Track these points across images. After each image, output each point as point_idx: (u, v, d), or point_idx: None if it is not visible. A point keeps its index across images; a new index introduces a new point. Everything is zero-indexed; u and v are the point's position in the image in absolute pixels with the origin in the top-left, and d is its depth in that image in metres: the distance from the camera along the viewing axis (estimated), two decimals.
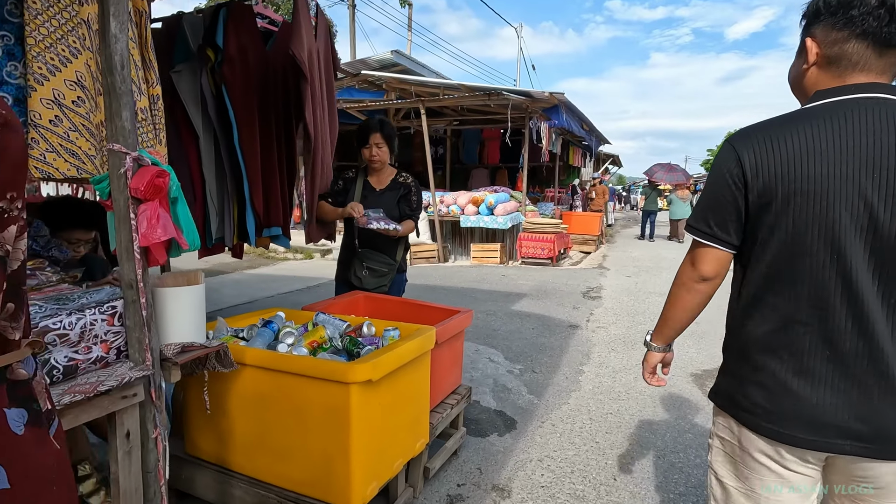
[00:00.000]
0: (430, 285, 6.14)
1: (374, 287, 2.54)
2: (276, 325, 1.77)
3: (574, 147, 12.52)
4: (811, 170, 0.89)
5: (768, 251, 0.96)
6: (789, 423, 0.95)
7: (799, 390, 0.94)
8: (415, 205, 2.61)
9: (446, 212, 8.74)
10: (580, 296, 5.77)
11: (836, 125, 0.89)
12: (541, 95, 7.98)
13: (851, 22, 0.91)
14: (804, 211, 0.90)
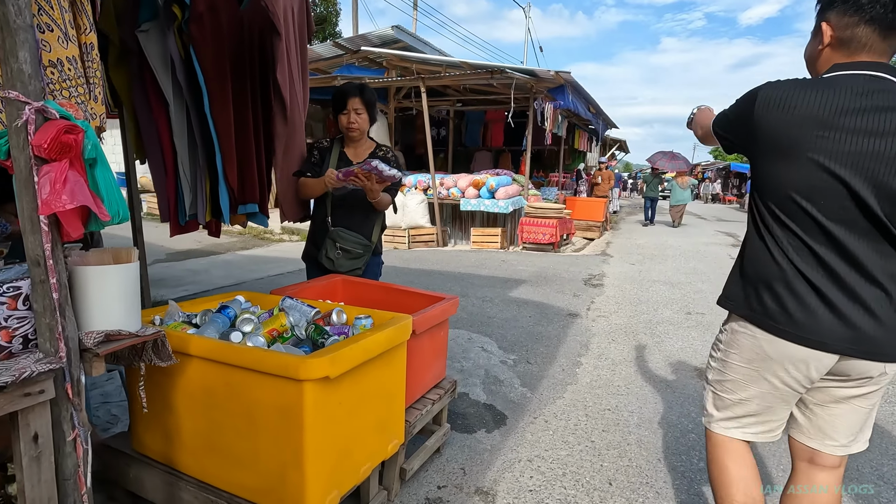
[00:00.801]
0: (427, 269, 5.95)
1: (347, 270, 2.34)
2: (232, 311, 1.58)
3: (580, 131, 12.18)
4: (816, 124, 1.07)
5: (781, 192, 1.15)
6: (800, 327, 1.15)
7: (806, 300, 1.14)
8: (398, 172, 2.40)
9: (446, 195, 8.50)
10: (581, 283, 5.57)
11: (841, 92, 1.07)
12: (546, 75, 7.67)
13: (861, 9, 1.08)
14: (814, 160, 1.08)
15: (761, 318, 1.21)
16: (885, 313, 1.11)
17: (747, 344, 1.25)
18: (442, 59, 8.71)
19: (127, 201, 3.26)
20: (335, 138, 2.40)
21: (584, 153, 13.90)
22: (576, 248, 8.69)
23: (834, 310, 1.12)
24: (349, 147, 2.37)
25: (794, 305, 1.15)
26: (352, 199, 2.32)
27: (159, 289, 4.61)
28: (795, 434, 1.32)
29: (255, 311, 1.72)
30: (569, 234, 8.89)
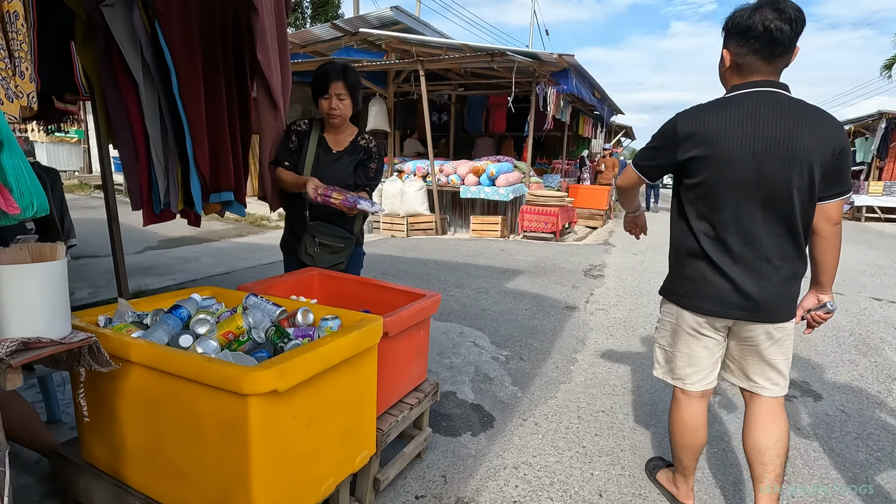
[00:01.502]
0: (423, 258, 5.80)
1: (329, 265, 2.20)
2: (185, 311, 1.44)
3: (584, 116, 11.90)
4: (722, 140, 1.40)
5: (696, 191, 1.48)
6: (706, 301, 1.51)
7: (713, 281, 1.49)
8: (373, 173, 2.23)
9: (445, 182, 8.33)
10: (581, 274, 5.41)
11: (738, 110, 1.40)
12: (549, 58, 7.42)
13: (748, 42, 1.39)
14: (719, 167, 1.41)
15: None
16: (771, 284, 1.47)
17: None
18: (442, 41, 8.46)
19: (104, 187, 3.10)
20: (313, 120, 2.24)
21: (588, 140, 13.62)
22: (578, 237, 8.52)
23: (731, 281, 1.47)
24: (329, 132, 2.21)
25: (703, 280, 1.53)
26: (336, 178, 2.17)
27: (146, 277, 4.49)
28: (728, 377, 1.68)
29: (217, 309, 1.58)
30: (571, 222, 8.71)
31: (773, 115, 1.36)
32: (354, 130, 2.24)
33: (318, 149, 2.18)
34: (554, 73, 8.00)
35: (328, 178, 2.15)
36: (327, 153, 2.18)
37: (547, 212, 7.70)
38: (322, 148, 2.18)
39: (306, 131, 2.21)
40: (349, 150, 2.19)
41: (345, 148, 2.20)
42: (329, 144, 2.20)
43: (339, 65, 2.10)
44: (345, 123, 2.19)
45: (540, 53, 7.41)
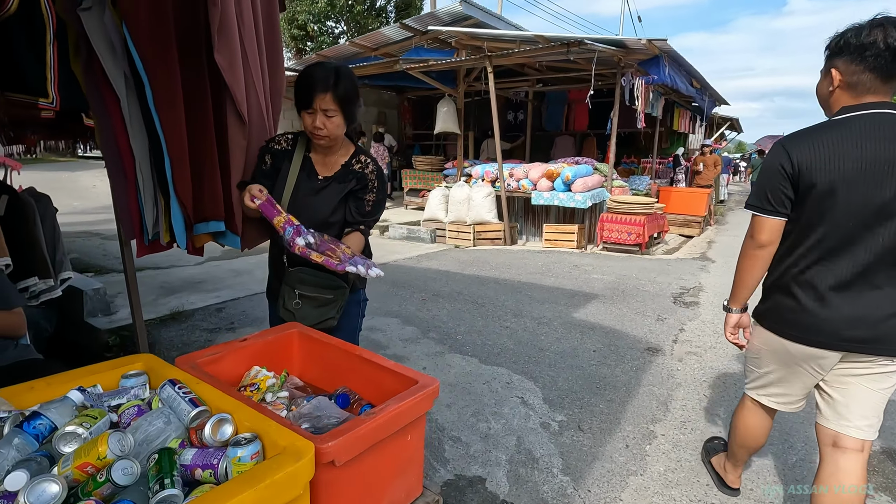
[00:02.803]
0: (483, 276, 5.23)
1: (315, 322, 1.72)
2: (47, 424, 1.02)
3: (680, 109, 10.57)
4: (838, 163, 1.34)
5: (805, 217, 1.42)
6: (812, 333, 1.45)
7: (820, 312, 1.42)
8: (370, 207, 1.72)
9: (516, 187, 7.67)
10: (669, 300, 4.52)
11: (852, 131, 1.34)
12: (636, 44, 6.48)
13: (865, 60, 1.34)
14: (832, 191, 1.35)
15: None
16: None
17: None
18: (515, 34, 7.80)
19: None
20: (299, 134, 1.77)
21: (684, 135, 12.15)
22: (668, 249, 7.44)
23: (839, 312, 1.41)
24: (316, 152, 1.73)
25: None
26: (316, 222, 1.69)
27: (192, 294, 4.39)
28: (819, 420, 1.55)
29: (115, 403, 1.17)
30: (661, 231, 7.63)
31: (889, 137, 1.31)
32: (349, 150, 1.74)
33: (300, 173, 1.70)
34: (643, 62, 7.02)
35: (308, 210, 1.67)
36: (311, 179, 1.70)
37: (631, 220, 6.76)
38: (305, 172, 1.71)
39: (287, 150, 1.74)
40: (339, 177, 1.70)
41: (334, 173, 1.70)
42: (315, 167, 1.72)
43: (330, 69, 1.58)
44: (336, 143, 1.69)
45: (625, 40, 6.49)
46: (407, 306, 4.14)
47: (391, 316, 3.90)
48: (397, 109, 13.73)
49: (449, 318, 3.89)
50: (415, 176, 10.21)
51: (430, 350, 3.26)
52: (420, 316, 3.91)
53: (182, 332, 3.54)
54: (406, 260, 5.98)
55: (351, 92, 1.59)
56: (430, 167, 10.06)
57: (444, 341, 3.41)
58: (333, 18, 25.18)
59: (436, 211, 8.00)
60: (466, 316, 3.94)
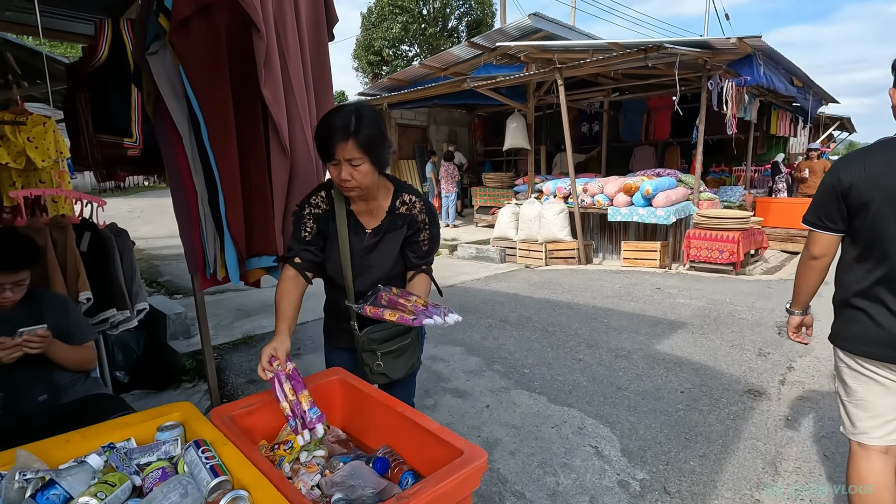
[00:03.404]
0: (555, 300, 4.91)
1: (406, 371, 1.63)
2: (60, 493, 0.96)
3: (779, 111, 9.54)
4: (888, 181, 1.37)
5: (864, 234, 1.45)
6: (881, 347, 1.45)
7: (888, 325, 1.43)
8: (427, 245, 1.58)
9: (591, 203, 7.25)
10: (773, 331, 3.94)
11: None
12: (724, 44, 5.91)
13: None
14: (887, 207, 1.38)
15: None
16: None
17: None
18: (588, 43, 7.47)
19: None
20: (331, 187, 1.57)
21: (785, 139, 10.97)
22: (769, 268, 6.63)
23: None
24: (357, 204, 1.56)
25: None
26: (379, 280, 1.56)
27: (264, 317, 4.52)
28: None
29: (143, 464, 1.09)
30: (759, 248, 6.83)
31: None
32: (390, 191, 1.56)
33: (348, 233, 1.56)
34: (733, 63, 6.40)
35: (369, 271, 1.56)
36: (359, 235, 1.55)
37: (722, 237, 6.10)
38: (353, 230, 1.55)
39: (327, 210, 1.56)
40: (387, 226, 1.54)
41: (381, 222, 1.55)
42: (360, 221, 1.57)
43: (348, 113, 1.38)
44: (372, 190, 1.51)
45: (711, 40, 5.95)
46: (472, 334, 3.95)
47: (455, 344, 3.73)
48: (468, 127, 13.74)
49: (516, 347, 3.65)
50: (485, 193, 10.07)
51: (494, 385, 3.04)
52: (485, 345, 3.71)
53: (251, 357, 3.61)
54: (474, 282, 5.81)
55: (374, 134, 1.40)
56: (500, 184, 9.88)
57: (510, 375, 3.18)
58: (407, 42, 26.07)
59: (506, 229, 7.77)
60: (535, 346, 3.68)
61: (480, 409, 2.75)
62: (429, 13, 26.20)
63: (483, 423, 2.60)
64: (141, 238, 9.35)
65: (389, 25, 25.15)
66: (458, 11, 27.14)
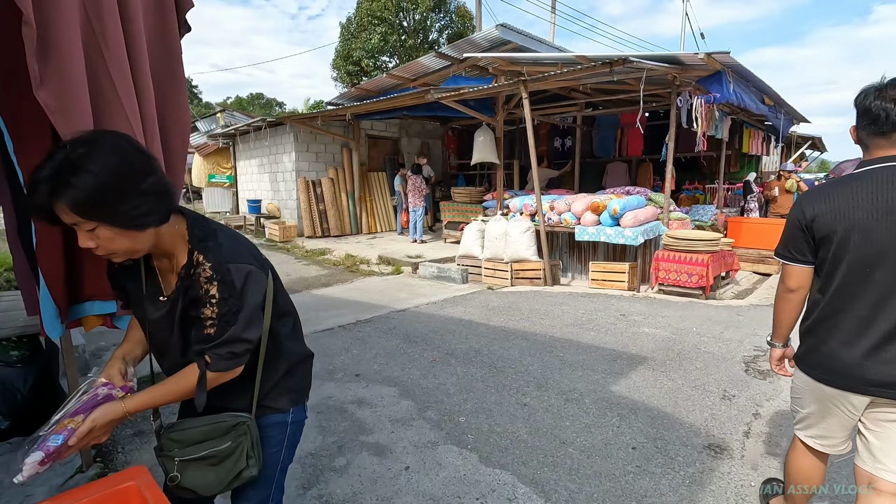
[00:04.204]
0: (510, 328, 4.54)
1: (223, 487, 1.20)
2: None
3: (751, 129, 9.43)
4: (849, 214, 1.44)
5: (827, 266, 1.51)
6: (840, 376, 1.51)
7: (847, 356, 1.48)
8: (211, 326, 1.10)
9: (557, 221, 6.95)
10: (740, 367, 3.62)
11: (865, 185, 1.44)
12: (692, 60, 5.69)
13: (865, 122, 1.50)
14: (847, 240, 1.44)
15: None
16: None
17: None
18: (556, 56, 7.22)
19: None
20: None
21: (757, 158, 10.89)
22: (740, 292, 6.38)
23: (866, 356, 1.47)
24: (159, 259, 1.17)
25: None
26: (176, 349, 1.17)
27: None
28: (856, 461, 1.58)
29: None
30: (730, 270, 6.59)
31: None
32: (185, 246, 1.13)
33: (149, 288, 1.17)
34: (702, 80, 6.19)
35: (169, 351, 1.17)
36: (154, 303, 1.16)
37: (691, 259, 5.82)
38: (150, 295, 1.17)
39: (128, 265, 1.17)
40: (174, 294, 1.13)
41: (174, 288, 1.14)
42: (161, 283, 1.18)
43: (54, 163, 0.93)
44: (162, 244, 1.11)
45: (679, 55, 5.72)
46: (411, 370, 3.54)
47: (389, 384, 3.32)
48: (441, 139, 13.44)
49: (457, 388, 3.25)
50: (453, 208, 9.73)
51: (422, 438, 2.64)
52: (423, 385, 3.30)
53: None
54: (429, 305, 5.41)
55: (93, 190, 0.93)
56: (469, 199, 9.55)
57: (443, 424, 2.78)
58: (387, 53, 25.86)
59: (471, 247, 7.42)
60: (478, 386, 3.29)
61: (398, 473, 2.33)
62: (409, 25, 26.06)
63: (396, 492, 2.19)
64: None
65: (368, 36, 24.91)
66: (438, 24, 27.10)
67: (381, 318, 4.91)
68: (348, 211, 11.15)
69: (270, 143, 11.50)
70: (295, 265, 7.89)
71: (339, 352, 3.92)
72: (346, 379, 3.40)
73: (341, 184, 11.13)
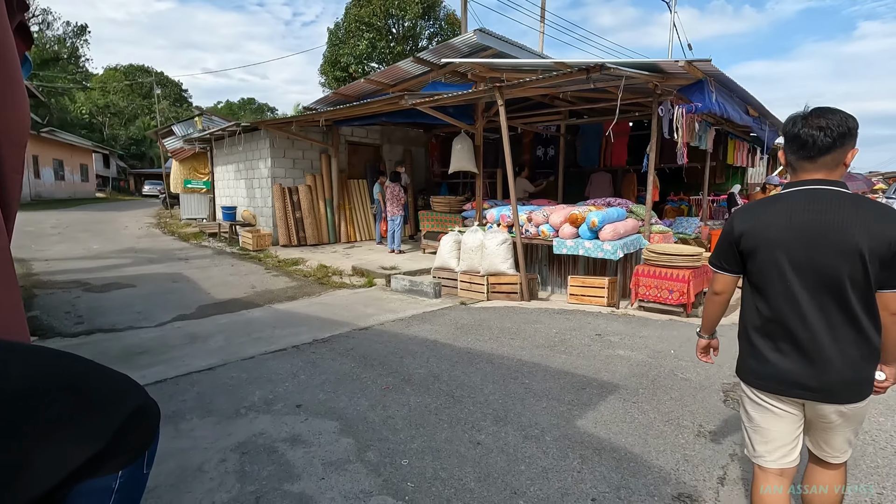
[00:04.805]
0: (475, 350, 4.23)
1: None
2: None
3: (735, 140, 9.28)
4: (770, 232, 1.59)
5: (754, 278, 1.67)
6: (769, 380, 1.65)
7: (774, 360, 1.62)
8: None
9: (535, 233, 6.68)
10: (718, 397, 3.35)
11: (786, 205, 1.59)
12: (673, 68, 5.48)
13: (794, 147, 1.63)
14: (769, 255, 1.60)
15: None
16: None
17: None
18: (536, 62, 6.99)
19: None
20: None
21: (742, 169, 10.74)
22: None
23: (792, 362, 1.61)
24: None
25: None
26: None
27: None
28: (806, 442, 1.76)
29: None
30: None
31: (819, 208, 1.52)
32: None
33: None
34: (683, 89, 5.98)
35: None
36: None
37: (672, 275, 5.57)
38: None
39: None
40: None
41: None
42: None
43: None
44: None
45: (659, 63, 5.50)
46: (359, 401, 3.22)
47: (332, 417, 2.99)
48: (424, 147, 13.18)
49: (406, 422, 2.93)
50: (432, 218, 9.44)
51: (354, 487, 2.31)
52: (369, 418, 2.98)
53: None
54: (395, 323, 5.09)
55: None
56: (448, 208, 9.27)
57: (381, 469, 2.46)
58: (375, 59, 25.65)
59: (447, 259, 7.12)
60: (430, 419, 2.97)
61: None
62: (398, 32, 25.91)
63: None
64: (43, 259, 8.34)
65: (356, 42, 24.71)
66: (427, 31, 26.98)
67: (340, 336, 4.58)
68: (326, 219, 10.82)
69: (246, 148, 11.16)
70: (263, 276, 7.54)
71: (285, 377, 3.59)
72: (285, 411, 3.07)
73: (319, 191, 10.80)
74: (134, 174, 39.69)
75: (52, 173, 24.77)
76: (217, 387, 3.42)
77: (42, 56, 32.67)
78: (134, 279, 7.04)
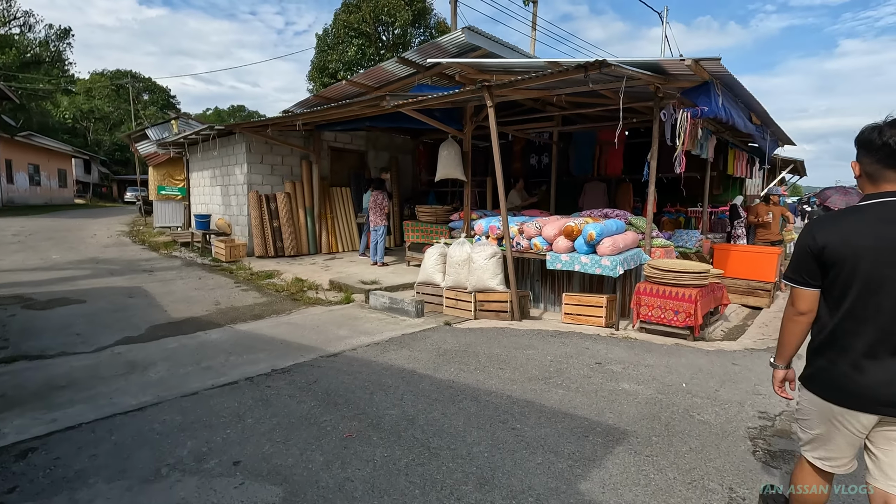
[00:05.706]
0: (459, 384, 3.66)
1: None
2: None
3: (735, 150, 8.87)
4: (859, 243, 1.55)
5: (836, 291, 1.62)
6: (844, 394, 1.60)
7: (851, 374, 1.58)
8: None
9: (526, 245, 6.15)
10: (745, 446, 2.80)
11: (873, 216, 1.57)
12: (678, 68, 5.01)
13: (880, 156, 1.59)
14: (856, 268, 1.55)
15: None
16: None
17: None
18: (527, 62, 6.51)
19: None
20: None
21: (741, 180, 10.34)
22: (729, 329, 5.64)
23: (872, 377, 1.57)
24: None
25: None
26: None
27: (31, 410, 3.05)
28: (868, 480, 1.67)
29: None
30: (720, 305, 5.85)
31: None
32: None
33: None
34: (687, 91, 5.52)
35: None
36: None
37: (677, 294, 5.06)
38: None
39: None
40: None
41: None
42: None
43: None
44: None
45: (663, 62, 5.03)
46: (313, 454, 2.63)
47: (274, 479, 2.40)
48: (412, 154, 12.67)
49: (368, 487, 2.35)
50: (417, 228, 8.88)
51: None
52: (322, 482, 2.39)
53: None
54: (368, 348, 4.50)
55: None
56: (434, 218, 8.72)
57: None
58: (364, 66, 25.21)
59: (432, 273, 6.55)
60: (399, 482, 2.39)
61: None
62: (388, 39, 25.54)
63: None
64: None
65: (345, 48, 24.28)
66: (417, 39, 26.64)
67: (304, 366, 3.98)
68: (306, 229, 10.22)
69: (221, 153, 10.56)
70: (231, 291, 6.91)
71: (228, 421, 2.99)
72: (219, 470, 2.47)
73: (299, 199, 10.21)
74: (117, 180, 38.72)
75: (27, 178, 23.88)
76: (141, 435, 2.81)
77: (22, 59, 31.78)
78: (85, 294, 6.38)
